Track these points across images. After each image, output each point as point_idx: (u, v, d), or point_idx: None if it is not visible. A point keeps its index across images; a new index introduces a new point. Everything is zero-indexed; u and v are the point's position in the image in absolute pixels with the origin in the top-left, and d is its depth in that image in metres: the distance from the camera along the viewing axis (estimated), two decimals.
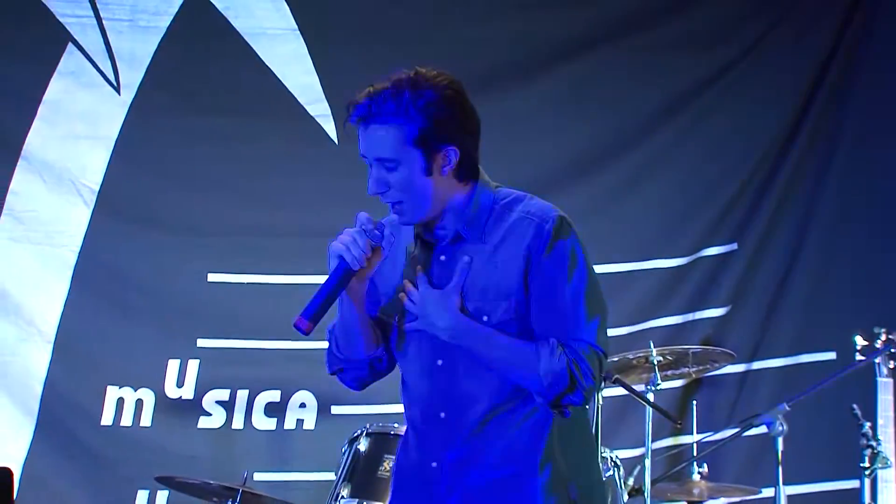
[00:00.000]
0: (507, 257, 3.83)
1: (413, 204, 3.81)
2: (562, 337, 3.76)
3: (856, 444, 6.19)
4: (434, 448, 3.88)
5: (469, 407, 3.83)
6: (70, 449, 6.75)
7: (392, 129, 3.78)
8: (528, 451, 3.87)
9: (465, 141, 3.85)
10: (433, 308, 3.80)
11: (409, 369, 3.95)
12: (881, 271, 7.24)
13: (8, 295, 6.71)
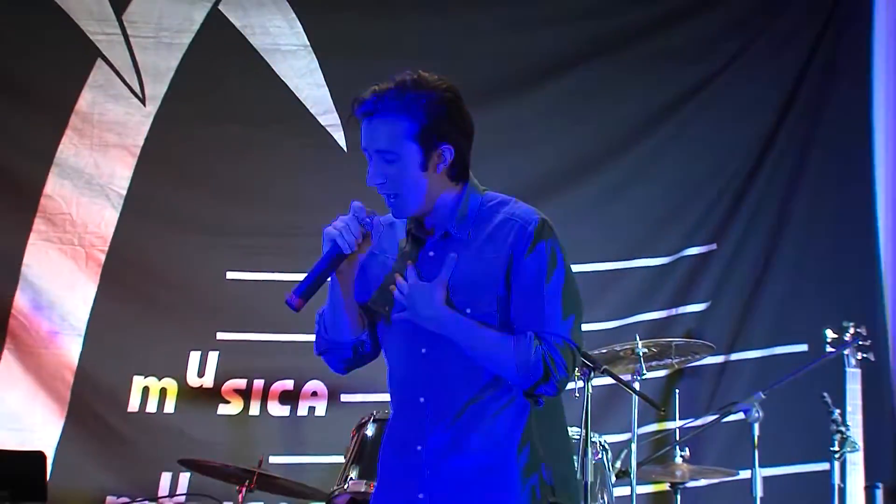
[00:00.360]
0: (491, 255, 3.85)
1: (407, 197, 3.83)
2: (539, 331, 3.78)
3: (826, 429, 6.21)
4: (418, 432, 3.89)
5: (450, 394, 3.85)
6: (99, 434, 6.77)
7: (394, 124, 3.79)
8: (507, 437, 3.88)
9: (459, 142, 3.87)
10: (420, 299, 3.81)
11: (395, 356, 3.98)
12: (849, 270, 7.29)
13: (42, 291, 6.72)
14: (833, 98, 7.31)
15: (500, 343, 3.81)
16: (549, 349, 3.77)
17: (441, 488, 3.86)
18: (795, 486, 6.97)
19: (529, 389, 3.82)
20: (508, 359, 3.79)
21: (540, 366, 3.75)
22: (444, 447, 3.87)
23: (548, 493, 3.90)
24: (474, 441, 3.86)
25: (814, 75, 7.30)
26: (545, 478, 3.92)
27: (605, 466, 5.86)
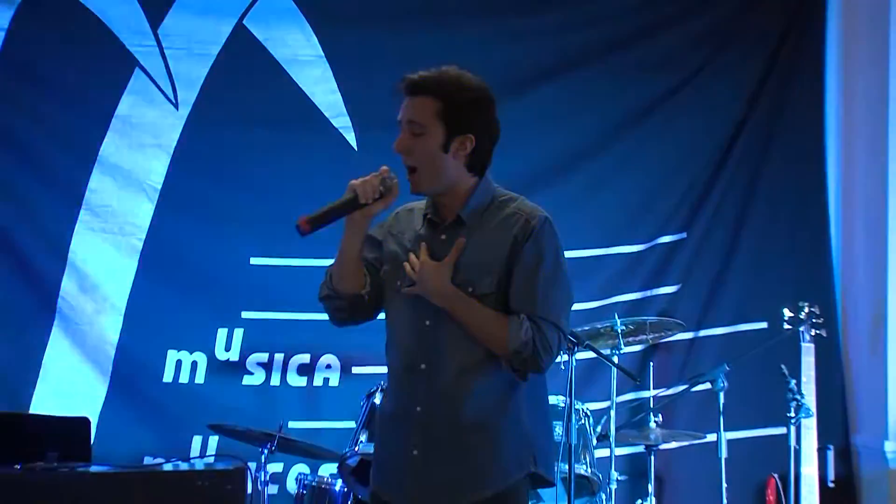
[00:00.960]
0: (496, 242, 3.89)
1: (426, 173, 3.90)
2: (531, 314, 3.84)
3: (783, 397, 6.30)
4: (417, 395, 3.94)
5: (449, 363, 3.89)
6: (137, 402, 6.80)
7: (429, 100, 3.89)
8: (497, 406, 3.94)
9: (482, 136, 3.94)
10: (428, 276, 3.86)
11: (401, 326, 4.01)
12: (803, 256, 7.37)
13: (86, 275, 6.74)
14: (789, 103, 7.40)
15: (495, 321, 3.85)
16: (539, 331, 3.83)
17: (433, 446, 3.92)
18: (756, 448, 7.01)
19: (519, 365, 3.87)
20: (502, 336, 3.84)
21: (530, 345, 3.81)
22: (440, 410, 3.92)
23: (530, 463, 3.97)
24: (467, 407, 3.90)
25: (772, 83, 7.37)
26: (529, 448, 4.00)
27: (587, 431, 5.90)
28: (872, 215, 7.18)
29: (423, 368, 3.92)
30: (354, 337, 6.65)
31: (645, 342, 6.76)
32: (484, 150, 3.96)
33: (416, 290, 3.89)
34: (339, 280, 4.06)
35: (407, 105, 3.94)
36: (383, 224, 4.13)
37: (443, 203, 3.99)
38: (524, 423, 3.97)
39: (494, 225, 3.95)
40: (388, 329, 4.09)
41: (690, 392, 6.65)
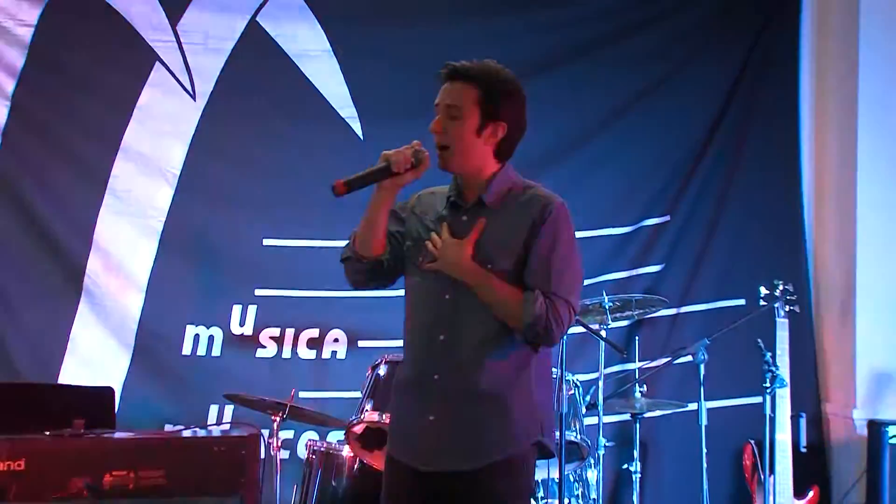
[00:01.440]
0: (515, 223, 3.95)
1: (456, 152, 3.95)
2: (545, 291, 3.87)
3: (759, 369, 6.29)
4: (435, 364, 3.97)
5: (466, 334, 3.92)
6: (158, 373, 6.82)
7: (468, 87, 3.95)
8: (510, 379, 3.97)
9: (512, 126, 4.01)
10: (450, 253, 3.92)
11: (421, 300, 4.06)
12: (779, 238, 7.36)
13: (111, 255, 6.75)
14: (765, 96, 7.38)
15: (511, 296, 3.90)
16: (552, 306, 3.87)
17: (448, 412, 3.95)
18: (734, 416, 7.01)
19: (532, 338, 3.91)
20: (517, 310, 3.88)
21: (543, 319, 3.85)
22: (456, 379, 3.95)
23: (537, 431, 4.01)
24: (482, 377, 3.94)
25: (750, 76, 7.35)
26: (536, 418, 4.04)
27: (576, 400, 5.89)
28: (842, 201, 7.17)
29: (441, 339, 3.96)
30: (361, 313, 6.73)
31: (631, 318, 6.76)
32: (512, 140, 4.03)
33: (438, 265, 3.93)
34: (362, 243, 4.08)
35: (446, 90, 3.98)
36: (406, 204, 4.17)
37: (467, 185, 4.04)
38: (533, 395, 4.01)
39: (514, 208, 3.99)
40: (408, 303, 4.14)
41: (673, 364, 6.65)
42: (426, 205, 4.13)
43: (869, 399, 6.97)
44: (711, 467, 6.35)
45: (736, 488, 7.03)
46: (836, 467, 7.19)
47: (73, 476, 4.85)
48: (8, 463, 4.79)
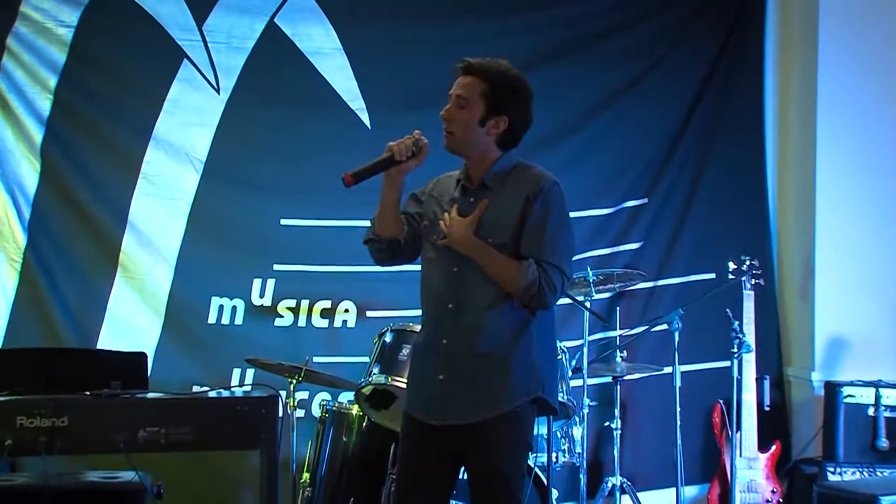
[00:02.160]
0: (512, 202, 4.03)
1: (459, 137, 4.03)
2: (538, 259, 3.95)
3: (728, 336, 6.29)
4: (444, 329, 4.04)
5: (470, 302, 3.99)
6: (186, 340, 6.80)
7: (477, 81, 4.02)
8: (511, 338, 4.04)
9: (515, 120, 4.08)
10: (456, 230, 3.99)
11: (433, 272, 4.13)
12: (746, 219, 7.39)
13: (143, 234, 6.72)
14: (734, 90, 7.39)
15: (510, 265, 3.98)
16: (545, 273, 3.95)
17: (457, 371, 4.02)
18: (704, 379, 7.04)
19: (528, 301, 3.99)
20: (514, 277, 3.96)
21: (536, 284, 3.92)
22: (462, 342, 4.03)
23: (538, 388, 4.08)
24: (484, 339, 4.02)
25: (720, 72, 7.35)
26: (536, 376, 4.10)
27: (563, 364, 5.87)
28: (803, 185, 7.20)
29: (450, 307, 4.04)
30: (369, 286, 6.75)
31: (612, 290, 6.74)
32: (516, 133, 4.11)
33: (447, 241, 4.00)
34: (379, 225, 4.17)
35: (460, 82, 4.06)
36: (425, 187, 4.26)
37: (472, 169, 4.13)
38: (533, 355, 4.07)
39: (512, 187, 4.06)
40: (423, 275, 4.20)
41: (650, 332, 6.70)
42: (442, 188, 4.21)
43: (825, 363, 7.01)
44: (684, 424, 6.39)
45: (706, 443, 7.04)
46: (795, 424, 7.25)
47: (110, 432, 4.89)
48: (53, 420, 4.82)
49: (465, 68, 4.06)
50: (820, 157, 7.05)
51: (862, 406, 6.55)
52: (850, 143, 7.06)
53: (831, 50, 7.03)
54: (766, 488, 6.68)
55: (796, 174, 7.29)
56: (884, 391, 6.55)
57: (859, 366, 6.90)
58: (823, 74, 7.04)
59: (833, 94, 7.04)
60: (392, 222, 4.14)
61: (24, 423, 4.80)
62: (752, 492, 6.64)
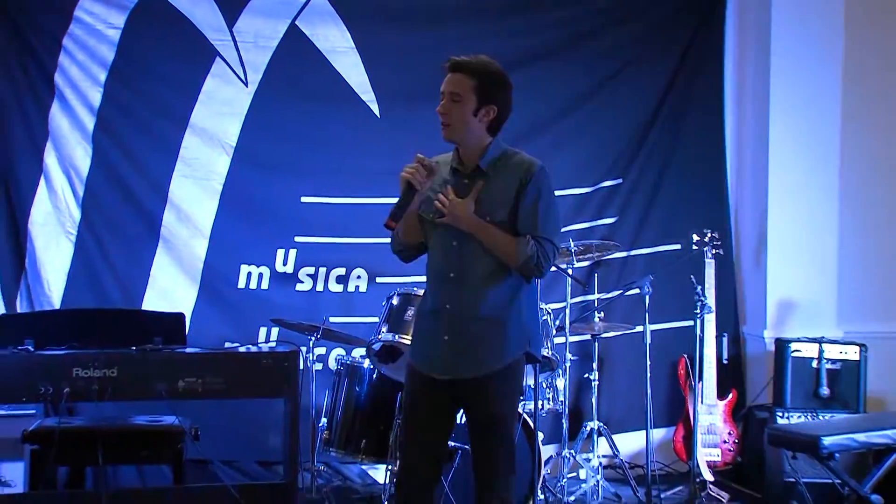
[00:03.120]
0: (506, 183, 4.04)
1: (456, 127, 4.03)
2: (534, 235, 3.98)
3: (692, 299, 6.30)
4: (446, 296, 4.06)
5: (470, 272, 4.02)
6: (219, 302, 6.83)
7: (467, 78, 4.01)
8: (505, 303, 4.08)
9: (502, 109, 4.08)
10: (456, 209, 4.00)
11: (435, 248, 4.13)
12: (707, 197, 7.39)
13: (181, 210, 6.74)
14: (698, 84, 7.38)
15: (506, 240, 4.01)
16: (538, 246, 3.99)
17: (458, 333, 4.06)
18: (672, 336, 7.09)
19: (526, 272, 4.03)
20: (513, 251, 4.00)
21: (534, 257, 3.97)
22: (464, 306, 4.06)
23: (526, 344, 4.14)
24: (483, 305, 4.05)
25: (686, 69, 7.34)
26: (526, 333, 4.15)
27: (548, 324, 5.94)
28: (757, 167, 7.20)
29: (451, 277, 4.06)
30: (379, 255, 6.76)
31: (591, 259, 6.75)
32: (501, 118, 4.10)
33: (446, 220, 4.01)
34: (408, 237, 4.19)
35: (449, 79, 4.05)
36: None
37: (466, 155, 4.11)
38: (523, 317, 4.12)
39: (504, 171, 4.07)
40: (428, 252, 4.22)
41: (624, 296, 6.68)
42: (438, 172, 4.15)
43: (776, 322, 7.03)
44: (653, 376, 6.40)
45: (672, 392, 7.10)
46: (749, 375, 7.27)
47: (153, 381, 4.97)
48: (104, 370, 4.89)
49: (453, 66, 4.05)
50: (772, 143, 7.04)
51: (807, 359, 6.56)
52: (798, 131, 7.05)
53: (783, 51, 7.02)
54: (724, 431, 6.73)
55: (751, 158, 7.29)
56: (826, 346, 6.56)
57: (805, 325, 6.91)
58: (775, 71, 7.02)
59: (784, 89, 7.02)
60: (416, 232, 4.16)
61: (80, 373, 4.86)
62: (711, 434, 6.71)
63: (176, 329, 5.28)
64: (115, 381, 4.91)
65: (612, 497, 6.50)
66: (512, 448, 4.14)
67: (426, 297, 4.23)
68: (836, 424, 5.55)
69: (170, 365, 5.01)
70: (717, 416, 6.72)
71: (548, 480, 6.10)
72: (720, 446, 6.72)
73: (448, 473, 5.27)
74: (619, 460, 6.70)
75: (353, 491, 6.51)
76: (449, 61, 4.07)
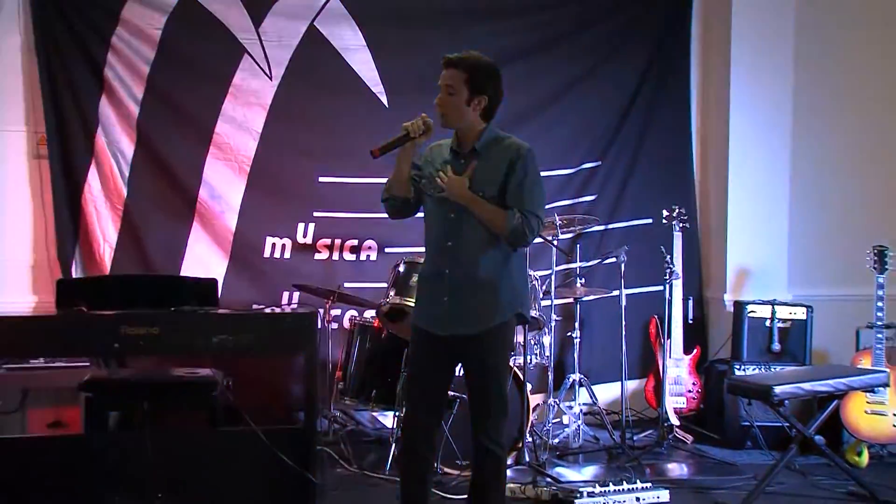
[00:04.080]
0: (497, 163, 4.04)
1: (451, 116, 4.06)
2: (520, 208, 4.00)
3: (661, 267, 6.36)
4: (445, 263, 4.09)
5: (465, 241, 4.05)
6: (247, 270, 6.85)
7: (460, 72, 4.03)
8: (497, 268, 4.10)
9: (492, 98, 4.09)
10: (454, 185, 4.03)
11: (435, 219, 4.15)
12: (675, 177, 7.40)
13: (214, 188, 6.75)
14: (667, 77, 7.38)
15: (498, 213, 4.02)
16: (525, 219, 4.00)
17: (457, 295, 4.08)
18: (644, 300, 7.08)
19: (513, 241, 4.05)
20: (500, 222, 4.01)
21: (520, 227, 3.98)
22: (460, 271, 4.08)
23: (517, 304, 4.16)
24: (479, 268, 4.07)
25: (656, 64, 7.34)
26: (516, 296, 4.18)
27: (536, 288, 5.98)
28: (719, 150, 7.21)
29: (449, 245, 4.08)
30: (387, 229, 6.81)
31: (573, 232, 6.80)
32: (493, 106, 4.12)
33: (446, 195, 4.03)
34: (395, 188, 4.19)
35: (445, 74, 4.07)
36: (423, 154, 4.25)
37: (463, 138, 4.13)
38: (514, 281, 4.15)
39: (497, 153, 4.08)
40: (426, 222, 4.24)
41: (602, 264, 6.78)
42: (435, 154, 4.22)
43: (734, 287, 7.08)
44: (627, 334, 6.45)
45: (644, 348, 7.12)
46: (711, 333, 7.33)
47: (190, 338, 4.92)
48: (148, 328, 4.85)
49: (446, 63, 4.07)
50: (732, 130, 7.06)
51: (761, 319, 6.60)
52: (755, 119, 7.07)
53: (742, 48, 7.04)
54: (689, 381, 6.78)
55: (714, 142, 7.30)
56: (777, 308, 6.61)
57: (759, 289, 6.94)
58: (735, 67, 7.04)
59: (742, 81, 7.05)
60: (405, 186, 4.16)
61: (128, 331, 4.85)
62: (678, 384, 6.74)
63: (210, 293, 5.26)
64: (157, 338, 4.88)
65: (590, 440, 6.54)
66: (504, 396, 4.18)
67: (426, 264, 4.25)
68: (785, 375, 5.59)
69: (204, 324, 4.98)
70: (682, 369, 6.76)
71: (535, 425, 6.14)
72: (685, 395, 6.75)
73: (448, 419, 5.34)
74: (597, 407, 6.72)
75: (365, 434, 6.56)
76: (444, 58, 4.09)
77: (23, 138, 6.64)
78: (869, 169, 7.31)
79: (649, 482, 5.33)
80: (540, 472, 5.67)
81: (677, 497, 5.32)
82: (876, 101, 7.31)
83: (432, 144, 4.25)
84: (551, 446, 6.25)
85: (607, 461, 6.13)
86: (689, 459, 6.25)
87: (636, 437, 6.49)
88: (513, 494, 5.14)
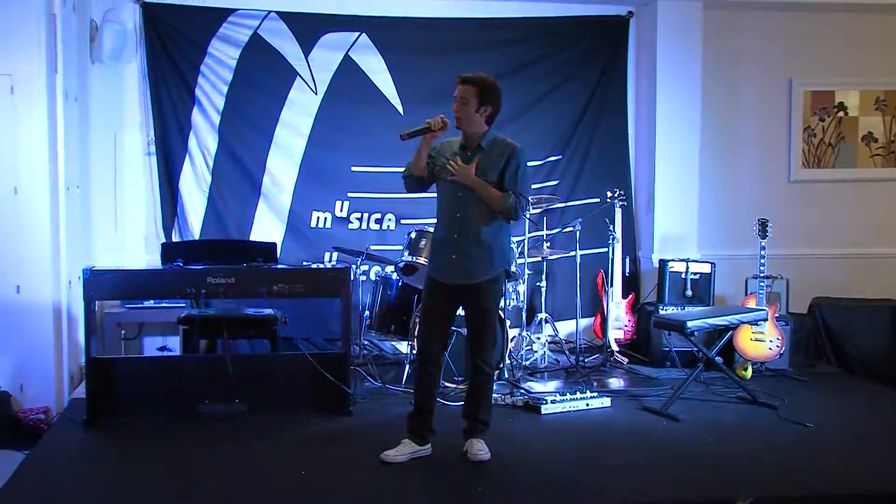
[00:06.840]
0: (497, 157, 4.04)
1: (465, 120, 4.06)
2: (514, 191, 4.00)
3: (606, 234, 6.39)
4: (455, 229, 4.09)
5: (470, 214, 4.05)
6: (298, 236, 6.79)
7: (471, 87, 4.05)
8: (494, 236, 4.11)
9: (495, 107, 4.07)
10: (463, 172, 3.99)
11: (446, 197, 4.13)
12: (616, 165, 7.31)
13: (274, 175, 6.74)
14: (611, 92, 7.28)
15: (496, 194, 4.02)
16: (518, 199, 4.00)
17: (463, 254, 4.08)
18: (593, 258, 7.06)
19: (507, 216, 4.04)
20: (498, 201, 4.01)
21: (514, 206, 3.99)
22: (466, 235, 4.07)
23: (506, 263, 4.18)
24: (479, 235, 4.07)
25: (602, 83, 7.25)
26: (506, 256, 4.20)
27: (513, 250, 5.90)
28: (648, 147, 7.15)
29: (458, 216, 4.09)
30: (404, 206, 6.78)
31: (542, 208, 6.74)
32: (494, 114, 4.12)
33: (456, 178, 4.02)
34: (414, 167, 4.16)
35: (459, 88, 4.08)
36: (436, 147, 4.21)
37: (470, 138, 4.13)
38: (503, 245, 4.16)
39: (496, 149, 4.09)
40: (439, 199, 4.22)
41: (563, 232, 6.73)
42: (445, 148, 4.22)
43: (659, 248, 7.04)
44: (581, 284, 6.50)
45: (593, 294, 7.09)
46: (643, 283, 7.29)
47: (258, 286, 5.00)
48: (226, 279, 4.93)
49: (462, 80, 4.10)
50: (658, 132, 7.02)
51: (678, 272, 6.62)
52: (673, 124, 7.03)
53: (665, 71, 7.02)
54: (626, 319, 6.79)
55: (644, 140, 7.24)
56: (690, 264, 6.63)
57: (677, 250, 6.93)
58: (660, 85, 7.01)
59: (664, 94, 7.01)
60: (422, 165, 4.16)
61: (211, 280, 4.91)
62: (617, 321, 6.76)
63: (271, 253, 5.28)
64: (233, 286, 4.95)
65: (553, 362, 6.57)
66: (494, 330, 4.24)
67: (438, 230, 4.25)
68: (695, 314, 5.64)
69: (267, 276, 5.03)
70: (621, 310, 6.77)
71: (512, 351, 6.16)
72: (623, 329, 6.77)
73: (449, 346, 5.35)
74: (558, 338, 6.76)
75: (386, 358, 6.58)
76: (459, 77, 4.11)
77: (137, 140, 6.66)
78: (756, 160, 7.39)
79: (596, 392, 5.41)
80: (516, 386, 5.73)
81: (616, 403, 5.40)
82: (761, 110, 7.39)
83: (443, 140, 4.26)
84: (524, 367, 6.28)
85: (565, 377, 6.16)
86: (625, 376, 6.27)
87: (586, 360, 6.52)
88: (496, 402, 5.19)
